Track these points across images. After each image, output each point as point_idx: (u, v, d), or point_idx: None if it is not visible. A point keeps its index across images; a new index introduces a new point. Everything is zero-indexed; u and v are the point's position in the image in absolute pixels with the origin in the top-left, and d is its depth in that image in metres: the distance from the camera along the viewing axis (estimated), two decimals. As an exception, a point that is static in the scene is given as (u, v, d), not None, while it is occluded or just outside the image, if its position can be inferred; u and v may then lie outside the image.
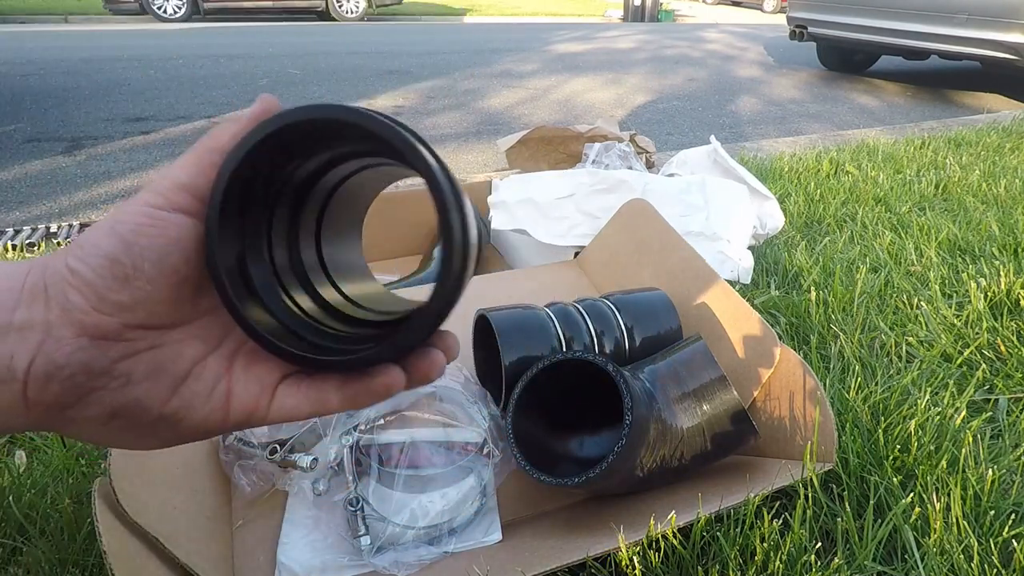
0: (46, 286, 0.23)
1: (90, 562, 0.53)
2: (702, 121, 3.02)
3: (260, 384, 0.26)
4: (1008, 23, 2.87)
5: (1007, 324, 0.92)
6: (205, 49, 4.85)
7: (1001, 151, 1.94)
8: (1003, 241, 1.22)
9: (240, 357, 0.26)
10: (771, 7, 13.19)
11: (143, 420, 0.24)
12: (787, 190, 1.52)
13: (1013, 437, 0.71)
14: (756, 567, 0.52)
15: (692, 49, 5.79)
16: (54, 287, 0.23)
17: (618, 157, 1.32)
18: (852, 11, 3.56)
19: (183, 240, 0.24)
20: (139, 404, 0.24)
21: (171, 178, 0.24)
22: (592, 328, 0.66)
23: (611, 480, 0.51)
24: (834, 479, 0.63)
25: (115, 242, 0.23)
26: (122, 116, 2.80)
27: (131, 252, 0.23)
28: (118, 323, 0.23)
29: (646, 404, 0.53)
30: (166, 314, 0.24)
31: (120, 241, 0.23)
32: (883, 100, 3.56)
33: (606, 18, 10.31)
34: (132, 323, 0.23)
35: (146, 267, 0.23)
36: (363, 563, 0.52)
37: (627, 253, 0.85)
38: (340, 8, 8.05)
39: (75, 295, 0.23)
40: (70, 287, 0.23)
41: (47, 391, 0.22)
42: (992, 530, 0.57)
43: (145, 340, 0.24)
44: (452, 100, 3.33)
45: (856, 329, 0.91)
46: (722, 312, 0.70)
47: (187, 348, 0.25)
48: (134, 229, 0.23)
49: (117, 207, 0.24)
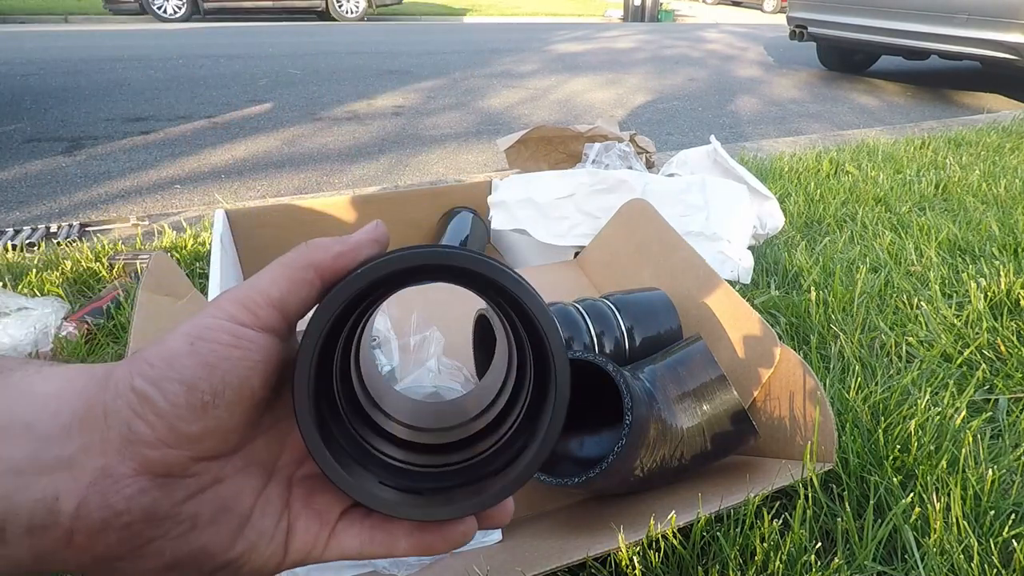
0: (106, 412, 0.19)
1: None
2: (702, 121, 3.02)
3: (320, 519, 0.23)
4: (1008, 23, 2.87)
5: (1007, 324, 0.92)
6: (205, 49, 4.85)
7: (1001, 151, 1.94)
8: (1003, 241, 1.22)
9: (298, 486, 0.23)
10: (771, 7, 13.19)
11: (203, 570, 0.21)
12: (787, 190, 1.52)
13: (1013, 437, 0.71)
14: (756, 567, 0.52)
15: (692, 49, 5.79)
16: (115, 414, 0.19)
17: (618, 157, 1.32)
18: (852, 11, 3.56)
19: (267, 362, 0.21)
20: (204, 552, 0.21)
21: (261, 292, 0.21)
22: (592, 328, 0.66)
23: (611, 480, 0.51)
24: (834, 479, 0.63)
25: (195, 365, 0.19)
26: (122, 116, 2.80)
27: (212, 378, 0.20)
28: (186, 457, 0.20)
29: (646, 404, 0.53)
30: (233, 442, 0.21)
31: (201, 364, 0.19)
32: (883, 100, 3.56)
33: (606, 18, 10.31)
34: (199, 456, 0.20)
35: (227, 394, 0.20)
36: (363, 563, 0.52)
37: (627, 253, 0.85)
38: (340, 8, 8.05)
39: (141, 425, 0.19)
40: (136, 416, 0.19)
41: (99, 540, 0.19)
42: (992, 530, 0.57)
43: (210, 474, 0.21)
44: (452, 100, 3.33)
45: (856, 329, 0.91)
46: (722, 312, 0.70)
47: (249, 479, 0.22)
48: (216, 351, 0.20)
49: (196, 317, 0.21)
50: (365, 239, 0.22)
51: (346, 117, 2.91)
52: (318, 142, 2.51)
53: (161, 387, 0.19)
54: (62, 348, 0.83)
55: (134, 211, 1.75)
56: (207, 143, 2.45)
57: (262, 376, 0.21)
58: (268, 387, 0.21)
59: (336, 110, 3.03)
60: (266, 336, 0.21)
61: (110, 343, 0.87)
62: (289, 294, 0.21)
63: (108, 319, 0.91)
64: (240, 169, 2.17)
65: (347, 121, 2.84)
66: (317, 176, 2.13)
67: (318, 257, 0.22)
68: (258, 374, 0.21)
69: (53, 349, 0.83)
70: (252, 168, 2.19)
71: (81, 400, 0.19)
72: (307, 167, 2.21)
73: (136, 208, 1.79)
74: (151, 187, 1.97)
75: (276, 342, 0.21)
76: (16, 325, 0.84)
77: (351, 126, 2.76)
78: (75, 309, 0.93)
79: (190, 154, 2.31)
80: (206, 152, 2.34)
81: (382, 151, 2.42)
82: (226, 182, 2.04)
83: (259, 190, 1.98)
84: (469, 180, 1.48)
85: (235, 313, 0.21)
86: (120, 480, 0.19)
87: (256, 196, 1.93)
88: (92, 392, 0.20)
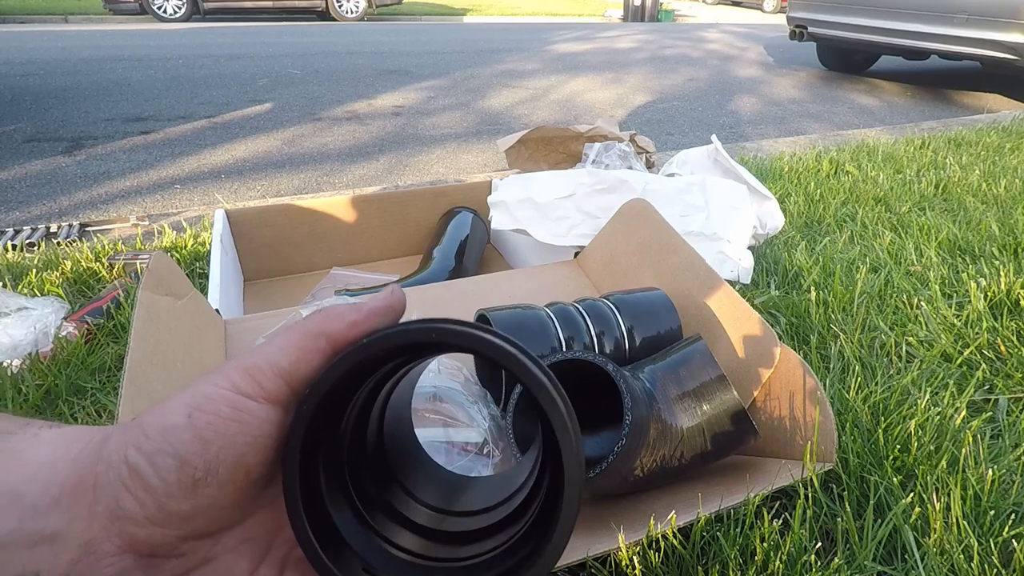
0: (96, 483, 0.19)
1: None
2: (702, 121, 3.02)
3: None
4: (1008, 23, 2.87)
5: (1007, 324, 0.92)
6: (205, 49, 4.85)
7: (1001, 151, 1.94)
8: (1003, 241, 1.22)
9: (291, 569, 0.22)
10: (771, 7, 13.19)
11: None
12: (787, 190, 1.52)
13: (1013, 437, 0.71)
14: (756, 567, 0.52)
15: (692, 49, 5.79)
16: (105, 488, 0.19)
17: (618, 157, 1.32)
18: (852, 11, 3.56)
19: (266, 437, 0.20)
20: None
21: (269, 361, 0.20)
22: (592, 328, 0.65)
23: (611, 481, 0.51)
24: (834, 479, 0.63)
25: (189, 439, 0.19)
26: (122, 116, 2.80)
27: (207, 453, 0.19)
28: (174, 536, 0.19)
29: (646, 404, 0.53)
30: (225, 519, 0.20)
31: (196, 439, 0.19)
32: (883, 100, 3.56)
33: (606, 18, 10.30)
34: (188, 535, 0.19)
35: (220, 471, 0.19)
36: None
37: (627, 253, 0.85)
38: (340, 8, 8.05)
39: (130, 501, 0.18)
40: (125, 490, 0.18)
41: None
42: (992, 530, 0.57)
43: (198, 553, 0.20)
44: (452, 100, 3.33)
45: (856, 329, 0.91)
46: (722, 312, 0.70)
47: (240, 559, 0.21)
48: (214, 424, 0.19)
49: (200, 383, 0.20)
50: (380, 307, 0.22)
51: (346, 117, 2.91)
52: (318, 142, 2.51)
53: (153, 461, 0.18)
54: (62, 348, 0.83)
55: (134, 211, 1.75)
56: (207, 143, 2.45)
57: (261, 452, 0.20)
58: (267, 463, 0.20)
59: (336, 110, 3.03)
60: (269, 408, 0.20)
61: (110, 343, 0.87)
62: (299, 363, 0.20)
63: (108, 319, 0.91)
64: (240, 169, 2.17)
65: (347, 121, 2.84)
66: (317, 176, 2.13)
67: (331, 327, 0.21)
68: (256, 450, 0.20)
69: (53, 349, 0.83)
70: (252, 168, 2.19)
71: (74, 469, 0.19)
72: (307, 167, 2.21)
73: (136, 208, 1.79)
74: (151, 187, 1.97)
75: (280, 414, 0.20)
76: (16, 325, 0.84)
77: (351, 126, 2.76)
78: (75, 309, 0.93)
79: (190, 154, 2.31)
80: (206, 152, 2.34)
81: (382, 151, 2.42)
82: (226, 182, 2.04)
83: (259, 190, 1.98)
84: (469, 180, 1.48)
85: (239, 383, 0.20)
86: (103, 558, 0.18)
87: (256, 196, 1.93)
88: (85, 461, 0.19)
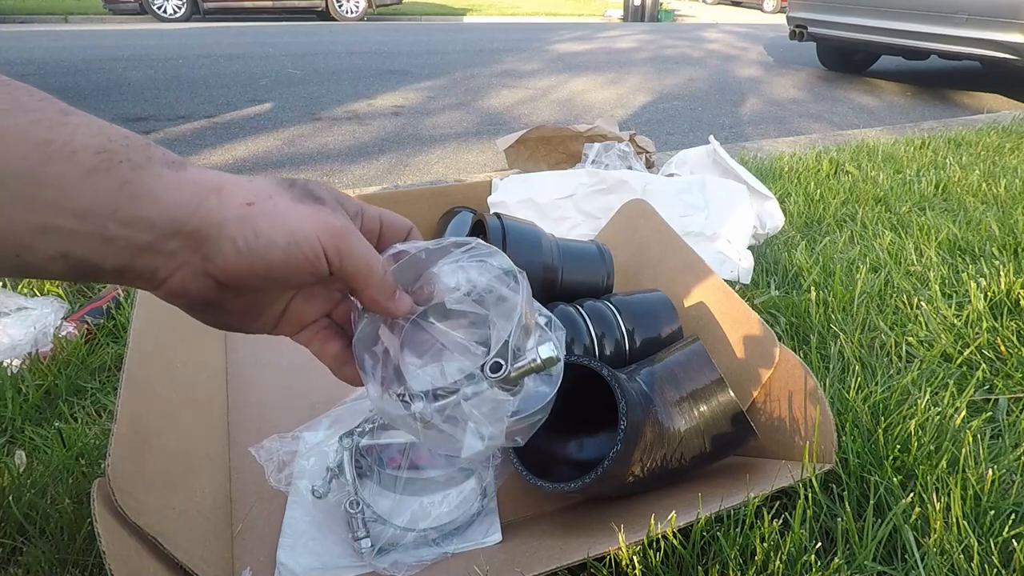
0: (204, 238, 0.27)
1: (90, 562, 0.53)
2: (702, 121, 3.02)
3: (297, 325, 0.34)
4: (1008, 23, 2.87)
5: (1007, 324, 0.92)
6: (205, 49, 4.85)
7: (1001, 151, 1.94)
8: (1003, 241, 1.22)
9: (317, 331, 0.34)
10: (771, 7, 13.19)
11: (218, 324, 0.31)
12: (787, 190, 1.52)
13: (1013, 437, 0.71)
14: (756, 567, 0.52)
15: (692, 49, 5.79)
16: (211, 243, 0.27)
17: (618, 157, 1.32)
18: (852, 11, 3.56)
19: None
20: (226, 325, 0.31)
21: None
22: (592, 330, 0.66)
23: (609, 484, 0.51)
24: (834, 479, 0.63)
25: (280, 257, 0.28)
26: (122, 116, 2.80)
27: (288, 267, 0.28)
28: (244, 285, 0.29)
29: (642, 407, 0.53)
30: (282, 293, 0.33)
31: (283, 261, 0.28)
32: (883, 100, 3.56)
33: (606, 18, 10.31)
34: (255, 289, 0.30)
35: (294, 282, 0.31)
36: (363, 564, 0.52)
37: (627, 253, 0.85)
38: (340, 8, 8.05)
39: (223, 260, 0.27)
40: (223, 254, 0.27)
41: (170, 296, 0.28)
42: (992, 530, 0.57)
43: (266, 296, 0.32)
44: (452, 100, 3.33)
45: (856, 329, 0.91)
46: (722, 313, 0.70)
47: (289, 306, 0.33)
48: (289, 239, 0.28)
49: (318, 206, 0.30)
50: None
51: (346, 117, 2.91)
52: (318, 142, 2.51)
53: (256, 256, 0.27)
54: (62, 348, 0.83)
55: (134, 211, 1.75)
56: (207, 143, 2.45)
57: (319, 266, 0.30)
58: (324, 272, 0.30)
59: (336, 110, 3.03)
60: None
61: (110, 343, 0.87)
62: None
63: (108, 319, 0.91)
64: (240, 169, 2.17)
65: (347, 121, 2.84)
66: (317, 176, 2.13)
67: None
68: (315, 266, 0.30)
69: (53, 349, 0.83)
70: (252, 168, 2.19)
71: (196, 217, 0.26)
72: (307, 167, 2.21)
73: (136, 208, 1.79)
74: (151, 187, 1.97)
75: None
76: (16, 325, 0.84)
77: (351, 126, 2.76)
78: (75, 309, 0.93)
79: (190, 154, 2.31)
80: (206, 152, 2.34)
81: (382, 151, 2.42)
82: (226, 182, 2.04)
83: (259, 190, 1.98)
84: (469, 180, 1.48)
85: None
86: (196, 277, 0.27)
87: (256, 196, 1.93)
88: (204, 216, 0.27)
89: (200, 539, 0.49)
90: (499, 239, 0.68)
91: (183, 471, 0.53)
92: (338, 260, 0.29)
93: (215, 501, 0.55)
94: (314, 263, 0.28)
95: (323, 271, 0.29)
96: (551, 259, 0.71)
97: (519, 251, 0.68)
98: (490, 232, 0.68)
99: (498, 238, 0.68)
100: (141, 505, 0.43)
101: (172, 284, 0.27)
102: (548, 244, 0.72)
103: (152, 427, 0.51)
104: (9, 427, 0.71)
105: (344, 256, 0.29)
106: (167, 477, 0.50)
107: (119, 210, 0.25)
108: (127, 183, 0.25)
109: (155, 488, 0.47)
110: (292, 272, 0.28)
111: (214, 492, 0.55)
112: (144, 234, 0.25)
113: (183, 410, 0.58)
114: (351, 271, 0.30)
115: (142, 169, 0.25)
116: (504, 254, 0.35)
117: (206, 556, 0.47)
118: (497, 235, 0.69)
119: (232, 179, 0.28)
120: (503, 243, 0.68)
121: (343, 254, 0.29)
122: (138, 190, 0.25)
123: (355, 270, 0.30)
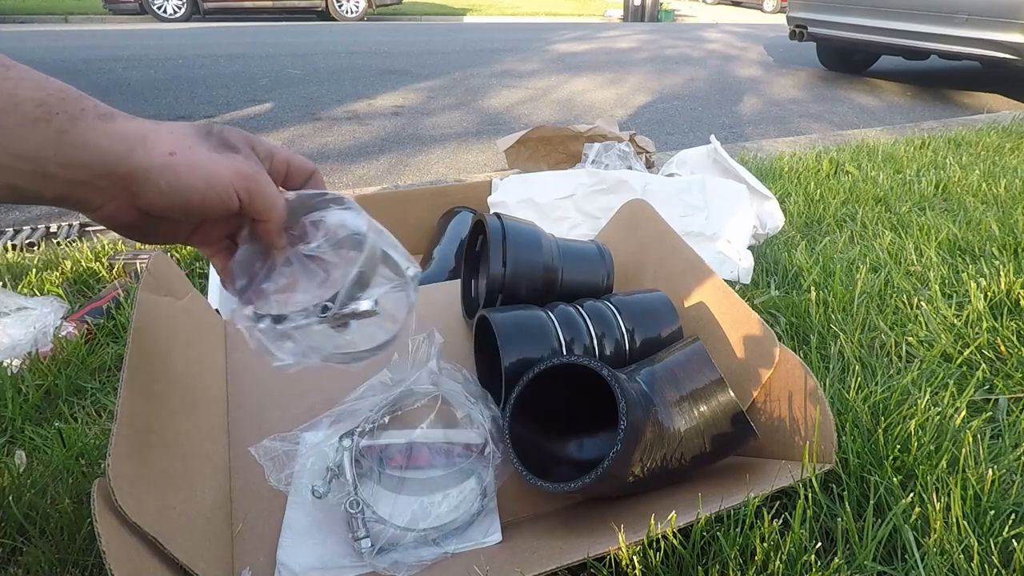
0: (132, 180, 0.32)
1: (90, 562, 0.53)
2: (702, 121, 3.02)
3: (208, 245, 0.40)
4: (1008, 23, 2.87)
5: (1007, 324, 0.92)
6: (205, 49, 4.85)
7: (1001, 151, 1.94)
8: (1003, 241, 1.22)
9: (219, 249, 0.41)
10: (771, 7, 13.18)
11: (141, 240, 0.38)
12: (787, 190, 1.52)
13: (1013, 437, 0.71)
14: (756, 567, 0.52)
15: (692, 49, 5.79)
16: (138, 184, 0.32)
17: (618, 157, 1.32)
18: (852, 11, 3.56)
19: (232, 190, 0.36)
20: (147, 240, 0.37)
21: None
22: (593, 330, 0.65)
23: (609, 484, 0.51)
24: (834, 479, 0.63)
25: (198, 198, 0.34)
26: (122, 116, 2.79)
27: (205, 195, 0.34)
28: (166, 217, 0.34)
29: (642, 407, 0.53)
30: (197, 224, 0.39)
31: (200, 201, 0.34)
32: (883, 100, 3.56)
33: (606, 18, 10.30)
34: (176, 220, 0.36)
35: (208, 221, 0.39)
36: (363, 564, 0.52)
37: (627, 253, 0.85)
38: (340, 8, 8.05)
39: (148, 199, 0.33)
40: (149, 194, 0.33)
41: (102, 220, 0.34)
42: (992, 530, 0.57)
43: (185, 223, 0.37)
44: (452, 100, 3.33)
45: (856, 329, 0.91)
46: (722, 313, 0.70)
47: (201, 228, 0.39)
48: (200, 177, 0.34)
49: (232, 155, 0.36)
50: None
51: (346, 117, 2.91)
52: (318, 142, 2.51)
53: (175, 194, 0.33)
54: (62, 348, 0.83)
55: (134, 211, 1.75)
56: (207, 143, 2.44)
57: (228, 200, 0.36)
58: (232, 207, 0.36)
59: (336, 110, 3.03)
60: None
61: (110, 343, 0.87)
62: None
63: (108, 319, 0.91)
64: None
65: (347, 121, 2.84)
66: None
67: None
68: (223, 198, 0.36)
69: (53, 349, 0.83)
70: (252, 168, 2.18)
71: (129, 161, 0.32)
72: (307, 167, 2.21)
73: (136, 208, 1.79)
74: (151, 187, 1.97)
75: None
76: (16, 325, 0.84)
77: (351, 126, 2.76)
78: (75, 309, 0.93)
79: (190, 154, 2.30)
80: (206, 152, 2.33)
81: (382, 151, 2.42)
82: (226, 182, 2.04)
83: (259, 190, 1.98)
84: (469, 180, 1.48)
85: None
86: (128, 212, 0.33)
87: (256, 196, 1.93)
88: (136, 160, 0.32)
89: (200, 539, 0.49)
90: (499, 239, 0.68)
91: (183, 471, 0.53)
92: (248, 199, 0.36)
93: (215, 501, 0.55)
94: (227, 202, 0.35)
95: (234, 208, 0.36)
96: (551, 259, 0.71)
97: (519, 251, 0.68)
98: (490, 232, 0.68)
99: (498, 238, 0.68)
100: (141, 505, 0.43)
101: (104, 212, 0.33)
102: (548, 244, 0.72)
103: (152, 427, 0.51)
104: (9, 427, 0.71)
105: (253, 196, 0.36)
106: (167, 477, 0.50)
107: (58, 154, 0.30)
108: (64, 132, 0.30)
109: (155, 488, 0.47)
110: (208, 209, 0.35)
111: (214, 492, 0.55)
112: (79, 173, 0.31)
113: (183, 410, 0.58)
114: (257, 209, 0.37)
115: (77, 120, 0.30)
116: (367, 216, 0.42)
117: (206, 556, 0.47)
118: (497, 235, 0.68)
119: (155, 129, 0.33)
120: (503, 243, 0.68)
121: (252, 195, 0.36)
122: (75, 139, 0.30)
123: (261, 209, 0.37)
